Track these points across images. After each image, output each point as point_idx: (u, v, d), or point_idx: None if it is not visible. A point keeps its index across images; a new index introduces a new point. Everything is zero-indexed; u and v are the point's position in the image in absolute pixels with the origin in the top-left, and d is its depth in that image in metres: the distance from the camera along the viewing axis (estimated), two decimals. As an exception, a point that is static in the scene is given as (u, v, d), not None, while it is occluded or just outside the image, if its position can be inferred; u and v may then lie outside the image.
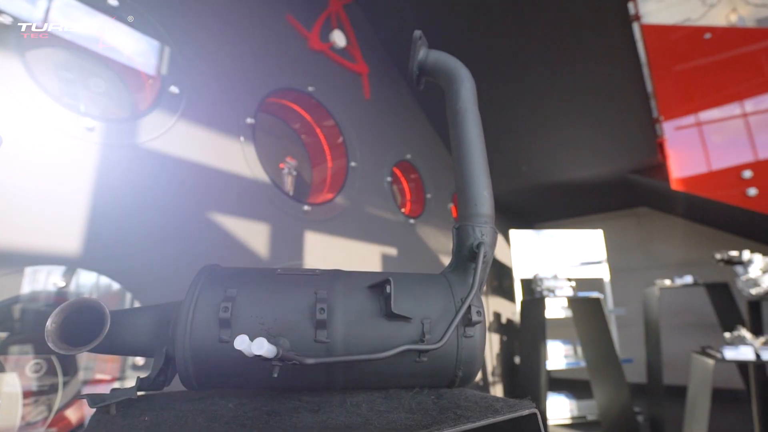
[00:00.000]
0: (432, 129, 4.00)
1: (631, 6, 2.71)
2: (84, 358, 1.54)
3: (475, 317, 0.57)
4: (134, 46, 1.75)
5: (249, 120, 2.19)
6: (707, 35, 3.40)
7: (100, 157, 1.54)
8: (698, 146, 3.33)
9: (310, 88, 2.64)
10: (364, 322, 0.55)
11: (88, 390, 1.57)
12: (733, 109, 3.28)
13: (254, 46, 2.34)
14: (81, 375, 1.53)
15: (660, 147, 3.37)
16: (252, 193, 2.14)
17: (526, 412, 0.49)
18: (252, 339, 0.52)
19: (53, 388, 1.48)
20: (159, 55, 1.83)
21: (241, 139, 2.13)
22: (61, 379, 1.47)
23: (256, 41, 2.36)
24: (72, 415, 1.51)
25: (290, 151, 2.78)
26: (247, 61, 2.27)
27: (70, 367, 1.54)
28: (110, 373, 1.61)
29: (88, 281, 1.52)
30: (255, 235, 2.09)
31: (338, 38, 2.97)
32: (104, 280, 1.53)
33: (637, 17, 2.81)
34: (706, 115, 3.34)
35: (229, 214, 1.99)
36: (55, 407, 1.44)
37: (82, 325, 0.57)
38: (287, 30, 2.62)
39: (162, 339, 0.59)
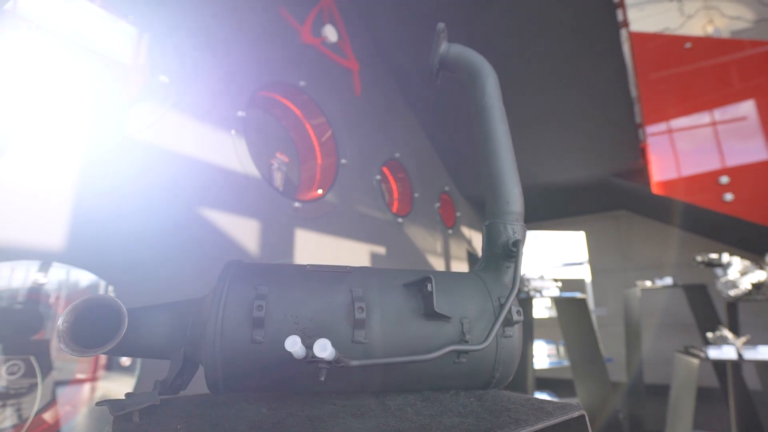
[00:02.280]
0: (420, 129, 4.00)
1: (619, 13, 2.77)
2: (57, 357, 1.45)
3: (515, 317, 0.55)
4: (120, 33, 1.66)
5: (240, 113, 2.12)
6: (688, 45, 3.52)
7: (85, 148, 1.45)
8: (679, 151, 3.44)
9: (302, 83, 2.58)
10: (402, 321, 0.53)
11: (68, 392, 1.48)
12: (711, 116, 3.41)
13: (246, 38, 2.27)
14: (55, 375, 1.44)
15: (642, 151, 3.47)
16: (242, 188, 2.07)
17: (576, 414, 0.48)
18: (284, 339, 0.49)
19: (31, 390, 1.38)
20: (146, 43, 1.75)
21: (232, 132, 2.06)
22: (40, 380, 1.38)
23: (248, 32, 2.29)
24: (50, 417, 1.43)
25: (279, 147, 2.72)
26: (240, 52, 2.20)
27: (45, 368, 1.45)
28: (83, 372, 1.52)
29: (71, 277, 1.44)
30: (244, 231, 2.03)
31: (330, 33, 2.92)
32: (86, 276, 1.45)
33: (626, 24, 2.87)
34: (686, 121, 3.47)
35: (219, 208, 1.92)
36: (34, 410, 1.35)
37: (94, 325, 0.52)
38: (280, 23, 2.55)
39: (179, 339, 0.55)
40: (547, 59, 3.05)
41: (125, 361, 1.50)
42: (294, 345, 0.38)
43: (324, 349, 0.38)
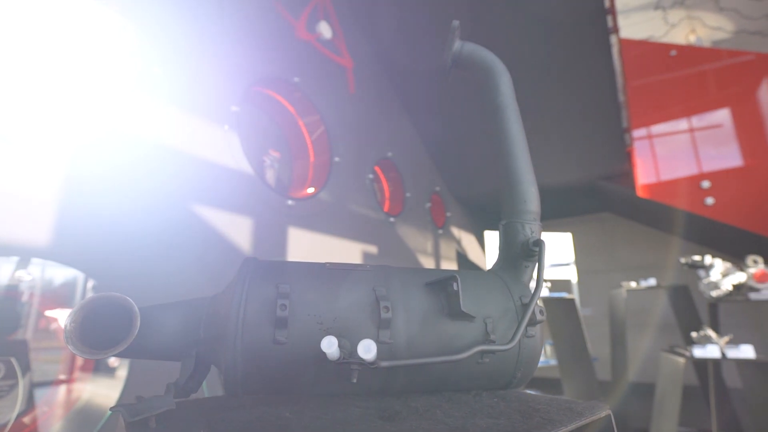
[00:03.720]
0: (412, 128, 3.99)
1: (609, 19, 2.82)
2: (37, 358, 1.39)
3: (538, 316, 0.54)
4: (112, 24, 1.60)
5: (234, 108, 2.08)
6: (673, 52, 3.61)
7: (73, 141, 1.39)
8: (663, 156, 3.53)
9: (296, 79, 2.55)
10: (427, 321, 0.52)
11: (48, 394, 1.42)
12: (693, 122, 3.51)
13: (241, 31, 2.22)
14: (34, 377, 1.38)
15: (629, 155, 3.54)
16: (235, 185, 2.03)
17: (603, 413, 0.47)
18: (310, 340, 0.47)
19: (11, 392, 1.32)
20: (139, 34, 1.69)
21: (226, 127, 2.02)
22: (21, 382, 1.32)
23: (243, 26, 2.24)
24: (30, 421, 1.37)
25: (272, 144, 2.67)
26: (235, 45, 2.16)
27: (24, 369, 1.39)
28: (61, 374, 1.46)
29: (54, 275, 1.38)
30: (236, 228, 1.98)
31: (325, 30, 2.89)
32: (66, 272, 1.39)
33: (616, 29, 2.93)
34: (670, 126, 3.56)
35: (210, 204, 1.88)
36: (15, 413, 1.29)
37: (102, 325, 0.50)
38: (275, 18, 2.51)
39: (190, 340, 0.53)
40: (538, 64, 3.09)
41: (113, 361, 1.45)
42: (331, 346, 0.37)
43: (368, 350, 0.37)
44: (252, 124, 2.49)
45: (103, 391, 1.51)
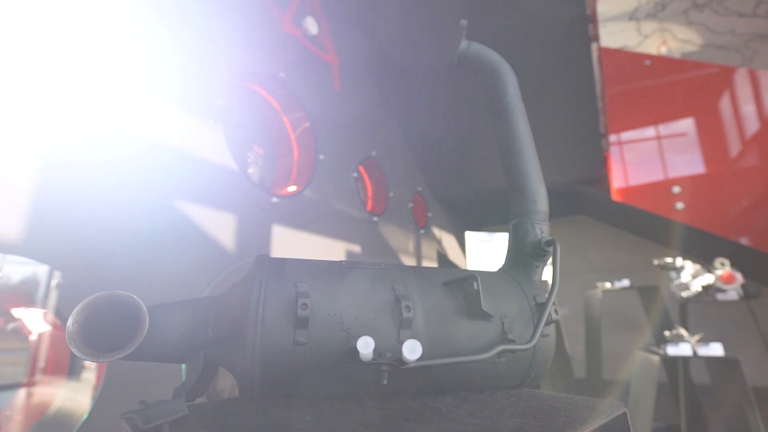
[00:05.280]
0: (396, 128, 3.99)
1: (590, 27, 2.90)
2: None
3: (554, 315, 0.55)
4: (91, 10, 1.52)
5: (219, 101, 2.01)
6: (647, 62, 3.76)
7: (49, 134, 1.32)
8: (637, 161, 3.66)
9: (282, 74, 2.50)
10: (446, 320, 0.51)
11: (10, 398, 1.34)
12: (665, 129, 3.66)
13: (228, 23, 2.16)
14: None
15: (605, 160, 3.66)
16: (219, 181, 1.97)
17: (620, 411, 0.48)
18: (331, 340, 0.46)
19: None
20: (121, 22, 1.61)
21: (210, 121, 1.95)
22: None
23: (229, 17, 2.18)
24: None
25: (255, 140, 2.61)
26: (219, 36, 2.09)
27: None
28: (28, 377, 1.38)
29: (12, 270, 1.30)
30: (219, 224, 1.93)
31: (311, 25, 2.85)
32: (30, 269, 1.31)
33: (596, 37, 3.02)
34: (644, 132, 3.70)
35: (192, 200, 1.81)
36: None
37: (104, 325, 0.47)
38: (262, 10, 2.45)
39: (197, 341, 0.50)
40: (520, 69, 3.14)
41: (89, 364, 1.38)
42: (367, 347, 0.36)
43: (413, 351, 0.36)
44: (236, 119, 2.42)
45: (77, 396, 1.43)
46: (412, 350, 0.36)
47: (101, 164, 1.46)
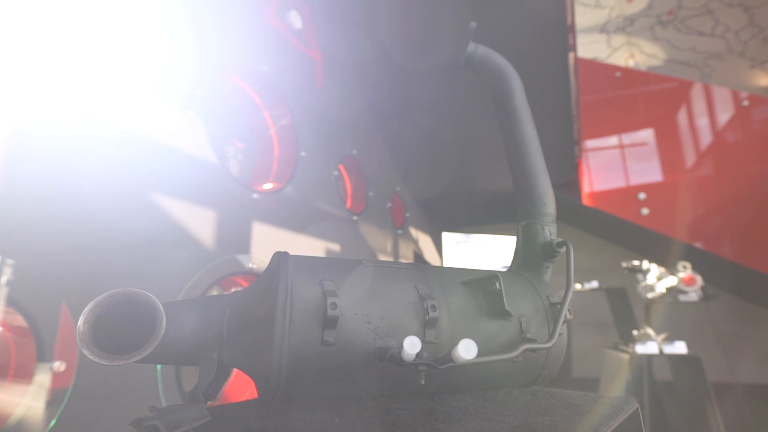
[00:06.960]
0: (377, 127, 3.99)
1: (569, 36, 3.00)
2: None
3: (568, 315, 0.56)
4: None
5: (199, 92, 1.94)
6: (618, 74, 3.93)
7: (16, 122, 1.22)
8: (606, 167, 3.83)
9: (265, 68, 2.44)
10: (468, 320, 0.51)
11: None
12: (631, 137, 3.85)
13: (211, 12, 2.08)
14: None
15: (577, 166, 3.80)
16: (197, 175, 1.90)
17: (634, 407, 0.49)
18: (359, 340, 0.45)
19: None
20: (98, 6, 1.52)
21: (190, 113, 1.88)
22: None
23: (211, 6, 2.10)
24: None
25: (235, 134, 2.54)
26: (201, 26, 2.02)
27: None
28: None
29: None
30: (197, 219, 1.86)
31: (295, 19, 2.80)
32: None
33: (574, 47, 3.13)
34: (613, 140, 3.87)
35: (170, 193, 1.74)
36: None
37: (116, 325, 0.44)
38: (245, 2, 2.38)
39: (210, 342, 0.48)
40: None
41: (58, 366, 1.29)
42: (414, 347, 0.35)
43: (468, 350, 0.35)
44: (216, 112, 2.34)
45: (41, 405, 1.33)
46: (466, 350, 0.36)
47: (72, 154, 1.37)
